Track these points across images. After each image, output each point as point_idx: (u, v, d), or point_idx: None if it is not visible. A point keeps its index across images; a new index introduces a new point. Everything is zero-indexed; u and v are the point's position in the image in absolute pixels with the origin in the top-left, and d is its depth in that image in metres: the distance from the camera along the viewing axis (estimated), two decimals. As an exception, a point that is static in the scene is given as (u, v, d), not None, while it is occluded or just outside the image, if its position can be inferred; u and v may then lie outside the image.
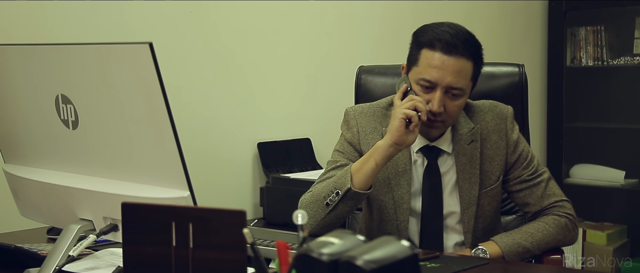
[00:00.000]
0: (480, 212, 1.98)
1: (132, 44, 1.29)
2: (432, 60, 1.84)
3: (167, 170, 1.32)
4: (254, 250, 1.12)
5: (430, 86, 1.85)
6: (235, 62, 3.01)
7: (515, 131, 2.01)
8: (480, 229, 1.99)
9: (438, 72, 1.84)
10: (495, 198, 2.01)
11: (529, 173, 2.00)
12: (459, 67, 1.84)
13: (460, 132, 1.97)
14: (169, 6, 2.77)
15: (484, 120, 1.99)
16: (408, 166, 1.97)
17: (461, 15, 3.96)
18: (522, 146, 2.01)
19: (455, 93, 1.86)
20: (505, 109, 2.02)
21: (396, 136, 1.82)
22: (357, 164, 1.87)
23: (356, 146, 2.00)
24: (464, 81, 1.86)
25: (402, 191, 1.97)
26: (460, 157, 1.96)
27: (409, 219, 1.98)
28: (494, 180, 1.98)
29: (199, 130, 2.89)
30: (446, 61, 1.83)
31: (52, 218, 1.66)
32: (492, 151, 1.98)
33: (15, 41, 2.19)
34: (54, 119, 1.48)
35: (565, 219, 1.97)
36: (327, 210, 1.86)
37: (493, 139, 1.98)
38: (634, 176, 4.29)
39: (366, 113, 2.02)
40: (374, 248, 1.00)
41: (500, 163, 1.98)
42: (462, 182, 1.96)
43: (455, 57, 1.83)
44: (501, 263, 1.85)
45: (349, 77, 2.40)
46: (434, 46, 1.85)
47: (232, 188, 3.03)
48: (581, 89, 4.51)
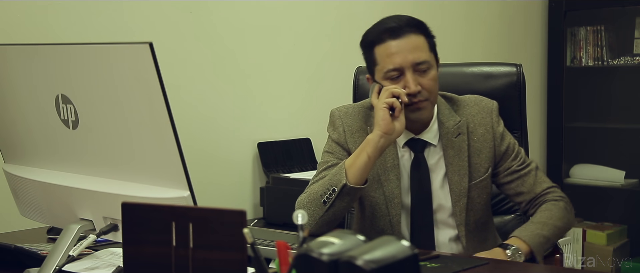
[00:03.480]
0: (471, 205, 2.00)
1: (132, 44, 1.29)
2: (387, 50, 1.91)
3: (167, 170, 1.32)
4: (254, 250, 1.12)
5: (398, 72, 1.91)
6: (235, 62, 3.01)
7: (500, 125, 2.04)
8: (472, 222, 2.00)
9: (397, 56, 1.90)
10: (485, 190, 2.02)
11: (518, 163, 2.02)
12: (413, 44, 1.91)
13: (447, 125, 2.00)
14: (169, 6, 2.77)
15: (469, 113, 2.03)
16: (396, 161, 1.99)
17: (461, 15, 3.97)
18: (508, 138, 2.04)
19: (423, 68, 1.91)
20: (490, 103, 2.05)
21: (383, 125, 1.85)
22: (350, 160, 1.89)
23: (344, 146, 2.02)
24: (424, 54, 1.92)
25: (392, 186, 1.99)
26: (448, 150, 1.99)
27: (401, 213, 1.99)
28: (482, 172, 2.00)
29: (199, 130, 2.89)
30: (399, 44, 1.90)
31: (52, 218, 1.66)
32: (479, 143, 2.00)
33: (15, 41, 2.20)
34: (54, 119, 1.48)
35: (562, 202, 2.00)
36: (324, 207, 1.87)
37: (480, 132, 2.01)
38: (634, 176, 4.29)
39: (351, 113, 2.05)
40: (374, 248, 1.00)
41: (488, 155, 2.00)
42: (451, 174, 1.98)
43: (405, 37, 1.91)
44: (501, 263, 1.84)
45: (349, 78, 2.41)
46: (382, 39, 1.92)
47: (232, 188, 3.03)
48: (581, 89, 4.51)
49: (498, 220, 2.26)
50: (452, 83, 2.16)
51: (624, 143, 4.43)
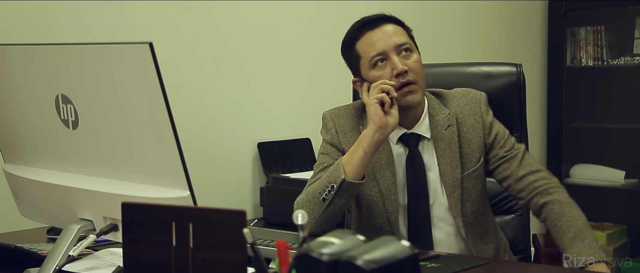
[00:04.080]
0: (466, 196, 2.00)
1: (132, 44, 1.29)
2: (368, 40, 1.98)
3: (167, 170, 1.32)
4: (254, 250, 1.12)
5: (382, 57, 1.96)
6: (235, 62, 3.01)
7: (489, 114, 2.05)
8: (469, 214, 2.00)
9: (379, 42, 1.96)
10: (479, 180, 2.03)
11: (506, 149, 2.02)
12: (392, 30, 1.98)
13: (437, 118, 2.01)
14: (169, 6, 2.77)
15: (458, 105, 2.04)
16: (391, 158, 2.00)
17: (461, 15, 3.97)
18: (497, 127, 2.05)
19: (406, 48, 1.97)
20: (477, 94, 2.06)
21: (376, 120, 1.87)
22: (347, 156, 1.91)
23: (337, 146, 2.04)
24: (404, 37, 1.98)
25: (388, 182, 1.99)
26: (439, 142, 2.00)
27: (398, 210, 2.00)
28: (474, 162, 2.01)
29: (199, 130, 2.89)
30: (379, 31, 1.97)
31: (52, 218, 1.66)
32: (469, 134, 2.02)
33: (15, 41, 2.20)
34: (54, 119, 1.48)
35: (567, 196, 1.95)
36: (324, 205, 1.88)
37: (469, 122, 2.02)
38: (634, 176, 4.29)
39: (342, 114, 2.07)
40: (374, 248, 1.00)
41: (478, 144, 2.01)
42: (443, 166, 1.99)
43: (384, 25, 1.99)
44: (501, 263, 1.84)
45: (348, 78, 2.40)
46: (361, 33, 1.99)
47: (232, 188, 3.03)
48: (581, 89, 4.51)
49: (498, 220, 2.25)
50: (452, 83, 2.16)
51: (624, 143, 4.43)
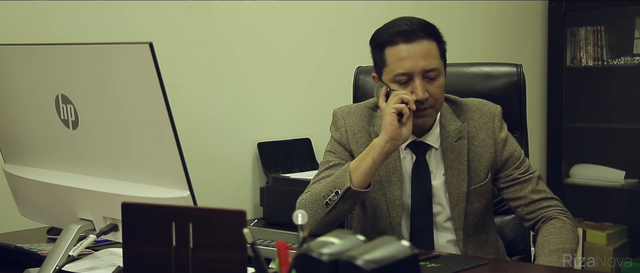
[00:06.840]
0: (470, 209, 1.99)
1: (132, 44, 1.29)
2: (399, 53, 1.89)
3: (167, 170, 1.32)
4: (254, 250, 1.12)
5: (407, 77, 1.89)
6: (236, 62, 3.01)
7: (503, 130, 2.02)
8: (471, 226, 2.00)
9: (408, 61, 1.88)
10: (485, 196, 2.01)
11: (521, 172, 2.00)
12: (425, 50, 1.89)
13: (448, 129, 1.99)
14: (169, 6, 2.77)
15: (472, 118, 2.01)
16: (398, 163, 1.99)
17: (461, 15, 3.97)
18: (513, 145, 2.02)
19: (432, 75, 1.90)
20: (493, 107, 2.03)
21: (390, 130, 1.84)
22: (355, 163, 1.88)
23: (346, 146, 2.02)
24: (435, 61, 1.90)
25: (393, 188, 1.98)
26: (447, 154, 1.98)
27: (402, 215, 1.99)
28: (482, 177, 1.99)
29: (199, 130, 2.89)
30: (411, 49, 1.88)
31: (52, 218, 1.66)
32: (480, 148, 1.99)
33: (15, 41, 2.20)
34: (54, 119, 1.48)
35: (568, 220, 1.96)
36: (326, 209, 1.86)
37: (481, 137, 2.00)
38: (634, 176, 4.29)
39: (353, 113, 2.05)
40: (374, 248, 1.00)
41: (488, 160, 1.99)
42: (450, 178, 1.98)
43: (418, 42, 1.89)
44: (501, 263, 1.85)
45: (349, 78, 2.41)
46: (394, 41, 1.90)
47: (232, 188, 3.03)
48: (581, 89, 4.51)
49: (498, 220, 2.26)
50: (452, 83, 2.16)
51: (624, 143, 4.43)
